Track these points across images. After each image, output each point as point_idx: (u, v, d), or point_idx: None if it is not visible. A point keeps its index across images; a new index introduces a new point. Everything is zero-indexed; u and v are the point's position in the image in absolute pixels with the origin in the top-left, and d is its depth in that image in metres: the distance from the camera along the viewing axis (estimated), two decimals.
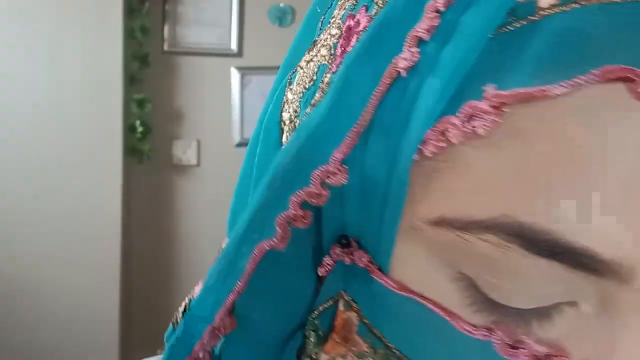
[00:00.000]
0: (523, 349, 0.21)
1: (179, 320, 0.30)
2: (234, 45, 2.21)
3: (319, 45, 0.28)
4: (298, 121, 0.28)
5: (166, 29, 2.18)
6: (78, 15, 1.95)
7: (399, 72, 0.22)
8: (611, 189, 0.19)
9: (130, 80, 2.07)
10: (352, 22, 0.26)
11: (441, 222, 0.22)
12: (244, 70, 2.21)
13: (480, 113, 0.20)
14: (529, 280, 0.21)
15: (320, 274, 0.26)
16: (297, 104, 0.29)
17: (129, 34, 2.05)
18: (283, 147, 0.27)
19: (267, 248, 0.25)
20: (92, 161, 2.00)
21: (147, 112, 2.10)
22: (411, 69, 0.22)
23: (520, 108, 0.20)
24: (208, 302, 0.27)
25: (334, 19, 0.28)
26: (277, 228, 0.24)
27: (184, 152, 2.22)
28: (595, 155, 0.19)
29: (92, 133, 1.99)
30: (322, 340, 0.27)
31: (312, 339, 0.28)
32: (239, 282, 0.26)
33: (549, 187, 0.19)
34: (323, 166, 0.23)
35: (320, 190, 0.23)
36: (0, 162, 1.97)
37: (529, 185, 0.20)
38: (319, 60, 0.28)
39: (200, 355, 0.28)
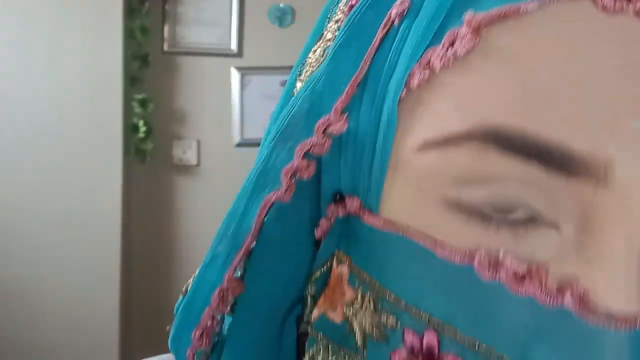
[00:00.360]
0: (502, 269, 0.22)
1: (188, 290, 0.30)
2: (234, 45, 2.21)
3: (325, 34, 0.30)
4: None
5: (166, 29, 2.18)
6: (78, 15, 1.95)
7: (393, 21, 0.24)
8: (573, 90, 0.21)
9: (131, 80, 2.07)
10: (353, 1, 0.27)
11: (424, 146, 0.23)
12: (244, 70, 2.21)
13: (461, 37, 0.22)
14: (510, 185, 0.22)
15: (317, 237, 0.27)
16: None
17: (129, 34, 2.04)
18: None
19: (273, 200, 0.26)
20: (92, 161, 2.00)
21: (149, 112, 2.10)
22: (402, 16, 0.24)
23: (496, 29, 0.22)
24: (216, 265, 0.28)
25: (338, 9, 0.29)
26: (282, 179, 0.26)
27: (184, 152, 2.22)
28: (561, 60, 0.21)
29: (92, 133, 1.99)
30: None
31: (309, 304, 0.29)
32: (247, 239, 0.27)
33: (522, 94, 0.21)
34: (325, 116, 0.25)
35: (323, 140, 0.25)
36: (0, 161, 1.97)
37: (503, 95, 0.21)
38: (325, 45, 0.29)
39: (209, 322, 0.28)
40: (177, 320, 0.29)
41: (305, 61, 0.31)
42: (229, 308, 0.28)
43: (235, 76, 2.21)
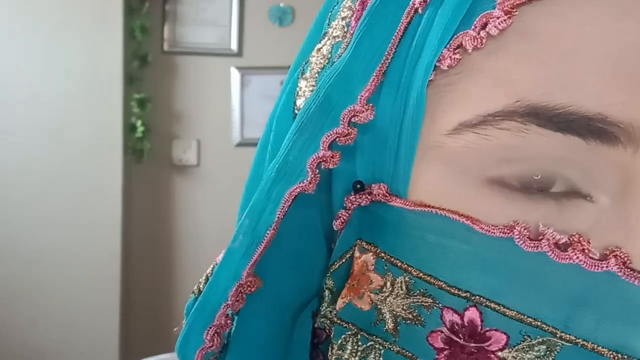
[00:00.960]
0: (544, 239, 0.22)
1: (201, 289, 0.29)
2: (234, 45, 2.21)
3: (330, 32, 0.30)
4: None
5: (166, 28, 2.18)
6: (78, 15, 1.95)
7: (416, 9, 0.24)
8: (611, 67, 0.21)
9: (130, 80, 2.07)
10: None
11: (459, 128, 0.23)
12: (244, 70, 2.20)
13: (493, 19, 0.22)
14: (549, 160, 0.22)
15: (335, 228, 0.27)
16: (313, 87, 0.30)
17: (130, 34, 2.04)
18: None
19: (298, 190, 0.26)
20: (92, 161, 1.99)
21: (147, 111, 2.10)
22: (426, 4, 0.24)
23: (528, 10, 0.22)
24: (233, 261, 0.28)
25: (342, 7, 0.29)
26: (308, 169, 0.25)
27: (184, 152, 2.22)
28: (594, 35, 0.21)
29: (92, 133, 1.98)
30: (337, 296, 0.28)
31: (326, 298, 0.28)
32: (269, 231, 0.27)
33: (559, 71, 0.22)
34: (351, 106, 0.25)
35: (349, 129, 0.25)
36: (0, 161, 1.96)
37: (539, 72, 0.22)
38: (331, 42, 0.29)
39: (223, 321, 0.28)
40: (189, 320, 0.29)
41: (309, 60, 0.31)
42: (242, 305, 0.28)
43: (235, 76, 2.21)
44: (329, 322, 0.28)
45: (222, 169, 2.21)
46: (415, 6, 0.24)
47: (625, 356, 0.22)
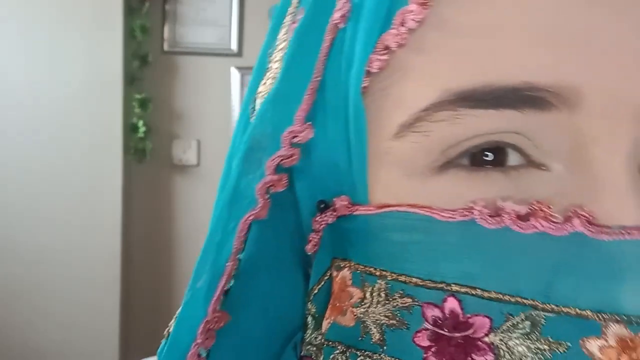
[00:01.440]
0: (504, 214, 0.22)
1: (170, 332, 0.29)
2: (234, 45, 2.21)
3: (271, 66, 0.30)
4: None
5: (166, 28, 2.18)
6: (78, 15, 1.95)
7: (337, 24, 0.25)
8: (529, 34, 0.22)
9: (130, 80, 2.07)
10: (295, 25, 0.28)
11: (400, 130, 0.24)
12: (244, 70, 2.20)
13: (409, 13, 0.23)
14: (494, 136, 0.23)
15: (308, 252, 0.27)
16: None
17: (130, 34, 2.04)
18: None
19: (251, 218, 0.26)
20: (92, 161, 1.99)
21: (148, 112, 2.10)
22: (346, 18, 0.25)
23: (440, 1, 0.23)
24: (198, 300, 0.27)
25: (279, 40, 0.30)
26: (258, 196, 0.26)
27: (184, 152, 2.22)
28: (510, 8, 0.22)
29: (92, 133, 1.98)
30: (320, 321, 0.28)
31: (310, 325, 0.28)
32: (228, 263, 0.27)
33: (478, 51, 0.22)
34: (290, 127, 0.25)
35: (291, 150, 0.25)
36: (0, 161, 1.96)
37: (461, 58, 0.22)
38: (274, 75, 0.29)
39: (195, 359, 0.27)
40: None
41: (256, 96, 0.32)
42: (213, 342, 0.28)
43: (235, 76, 2.21)
44: (315, 348, 0.28)
45: (222, 169, 2.20)
46: (336, 21, 0.25)
47: (610, 314, 0.21)
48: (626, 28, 0.21)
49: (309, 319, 0.28)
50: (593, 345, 0.21)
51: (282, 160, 0.25)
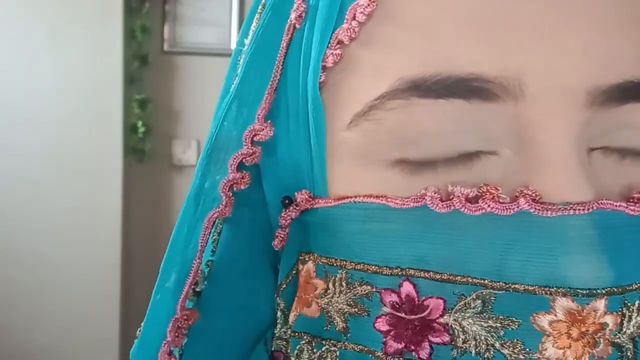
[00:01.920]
0: (454, 197, 0.23)
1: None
2: (233, 45, 2.20)
3: (238, 71, 0.31)
4: None
5: (166, 29, 2.18)
6: (78, 15, 1.95)
7: (294, 25, 0.26)
8: (472, 23, 0.22)
9: (130, 80, 2.07)
10: (254, 27, 0.29)
11: (354, 119, 0.24)
12: None
13: (359, 7, 0.24)
14: (441, 127, 0.23)
15: (275, 247, 0.28)
16: None
17: (130, 34, 2.05)
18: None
19: (215, 216, 0.27)
20: (92, 161, 1.99)
21: (148, 112, 2.11)
22: (302, 18, 0.26)
23: None
24: (166, 298, 0.28)
25: (245, 47, 0.31)
26: (221, 194, 0.26)
27: (184, 152, 2.22)
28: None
29: (92, 133, 1.99)
30: (289, 314, 0.28)
31: (279, 320, 0.29)
32: (195, 261, 0.27)
33: (426, 42, 0.23)
34: (250, 126, 0.26)
35: (252, 148, 0.26)
36: (0, 161, 1.97)
37: (410, 49, 0.23)
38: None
39: (166, 359, 0.28)
40: None
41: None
42: (184, 341, 0.28)
43: None
44: (284, 342, 0.28)
45: None
46: (292, 22, 0.26)
47: (557, 288, 0.22)
48: (560, 16, 0.22)
49: (279, 313, 0.29)
50: (543, 320, 0.22)
51: (243, 158, 0.26)
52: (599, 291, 0.22)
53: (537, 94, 0.22)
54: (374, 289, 0.25)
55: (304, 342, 0.27)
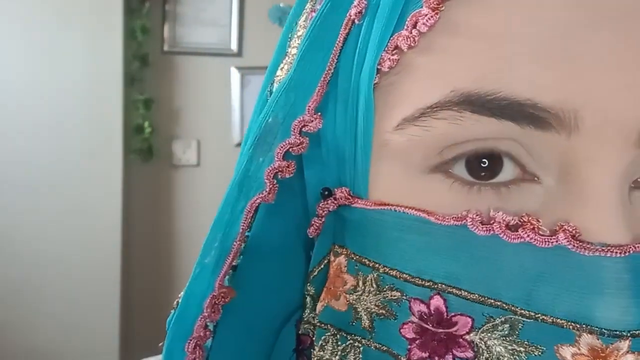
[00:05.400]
0: (495, 222, 0.23)
1: (178, 304, 0.30)
2: (234, 45, 2.21)
3: (289, 51, 0.31)
4: None
5: (166, 29, 2.18)
6: (78, 15, 1.95)
7: (353, 20, 0.26)
8: (537, 47, 0.22)
9: (130, 80, 2.07)
10: (313, 14, 0.28)
11: (402, 123, 0.24)
12: (244, 70, 2.20)
13: (422, 17, 0.24)
14: (488, 142, 0.23)
15: (310, 235, 0.29)
16: None
17: (130, 34, 2.04)
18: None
19: (258, 201, 0.27)
20: (92, 161, 1.99)
21: (151, 112, 2.11)
22: (362, 15, 0.26)
23: (454, 4, 0.23)
24: (205, 275, 0.29)
25: (298, 26, 0.31)
26: (266, 180, 0.27)
27: (184, 152, 2.22)
28: (519, 17, 0.22)
29: (92, 133, 1.99)
30: (318, 301, 0.29)
31: (308, 305, 0.30)
32: (235, 243, 0.28)
33: (487, 57, 0.23)
34: (300, 116, 0.26)
35: (300, 139, 0.26)
36: (0, 161, 1.96)
37: (470, 61, 0.23)
38: (291, 61, 0.30)
39: (202, 333, 0.29)
40: (169, 335, 0.30)
41: (274, 79, 0.32)
42: (219, 316, 0.29)
43: (235, 76, 2.21)
44: (312, 327, 0.29)
45: (222, 169, 2.21)
46: (352, 17, 0.26)
47: (584, 325, 0.22)
48: (627, 51, 0.22)
49: (308, 299, 0.29)
50: (566, 351, 0.23)
51: (291, 147, 0.27)
52: (624, 333, 0.22)
53: (590, 129, 0.22)
54: (403, 297, 0.25)
55: (329, 333, 0.28)
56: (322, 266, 0.29)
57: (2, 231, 1.99)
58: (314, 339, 0.29)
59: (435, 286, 0.24)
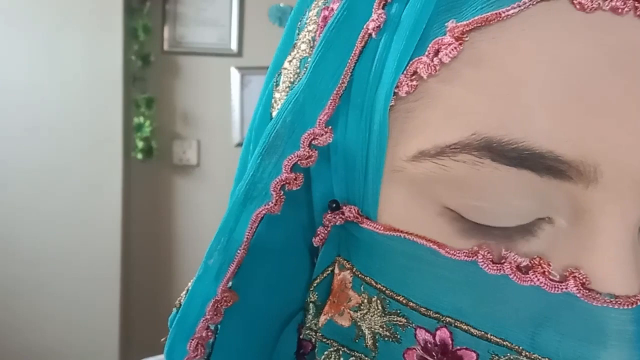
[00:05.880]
0: (506, 263, 0.23)
1: (182, 303, 0.30)
2: (234, 45, 2.21)
3: (298, 44, 0.30)
4: None
5: (166, 29, 2.18)
6: (78, 15, 1.95)
7: (370, 34, 0.25)
8: (560, 97, 0.21)
9: (132, 80, 2.07)
10: (327, 13, 0.28)
11: (419, 156, 0.24)
12: (244, 70, 2.20)
13: (445, 46, 0.22)
14: (506, 194, 0.23)
15: (315, 244, 0.28)
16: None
17: (131, 34, 2.04)
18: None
19: (264, 213, 0.27)
20: (92, 161, 1.99)
21: (153, 111, 2.11)
22: (380, 30, 0.24)
23: (479, 36, 0.22)
24: (208, 278, 0.28)
25: (309, 19, 0.30)
26: (272, 192, 0.26)
27: (184, 152, 2.22)
28: (543, 66, 0.21)
29: (93, 133, 1.99)
30: (321, 309, 0.29)
31: (311, 311, 0.29)
32: (239, 251, 0.27)
33: (510, 102, 0.21)
34: (310, 129, 0.26)
35: (309, 152, 0.26)
36: (0, 161, 1.96)
37: (493, 103, 0.22)
38: (300, 55, 0.30)
39: (204, 333, 0.29)
40: (172, 333, 0.30)
41: (281, 71, 0.32)
42: (221, 319, 0.29)
43: (235, 76, 2.21)
44: (314, 334, 0.29)
45: (222, 169, 2.21)
46: (369, 31, 0.25)
47: None
48: None
49: (311, 305, 0.29)
50: None
51: (299, 160, 0.26)
52: None
53: (609, 181, 0.22)
54: (409, 324, 0.25)
55: (332, 349, 0.28)
56: (325, 275, 0.28)
57: (2, 231, 1.99)
58: (315, 345, 0.29)
59: (443, 319, 0.24)
